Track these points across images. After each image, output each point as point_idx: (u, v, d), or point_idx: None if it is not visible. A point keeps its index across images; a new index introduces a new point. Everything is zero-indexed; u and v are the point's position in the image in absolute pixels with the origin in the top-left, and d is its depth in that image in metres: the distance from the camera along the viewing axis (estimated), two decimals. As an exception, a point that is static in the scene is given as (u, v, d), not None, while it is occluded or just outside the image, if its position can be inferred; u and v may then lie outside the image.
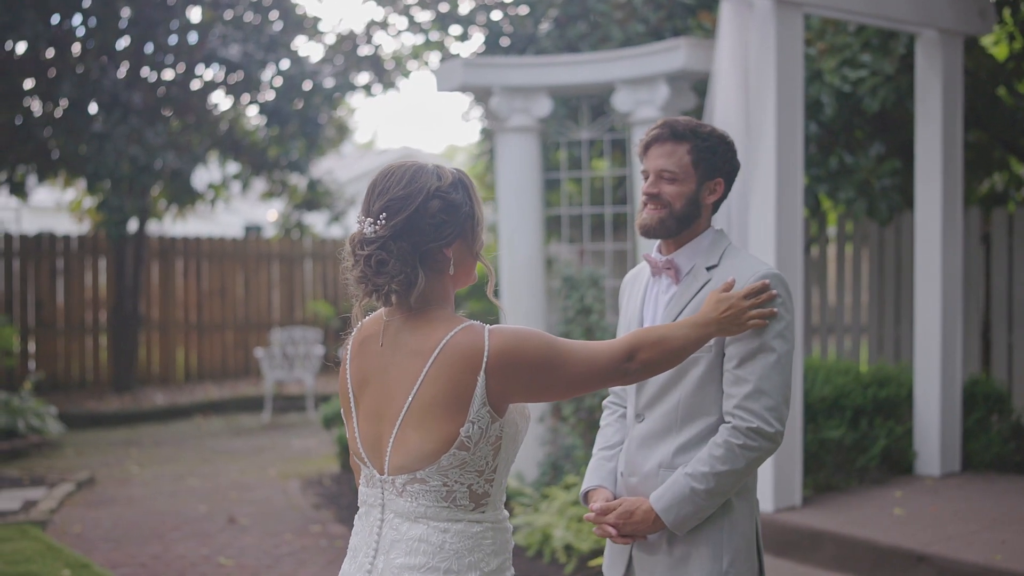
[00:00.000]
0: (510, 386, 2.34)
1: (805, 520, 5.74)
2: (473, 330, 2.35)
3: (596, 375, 2.44)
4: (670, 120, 2.87)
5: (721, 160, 2.88)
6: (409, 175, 2.38)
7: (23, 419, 10.29)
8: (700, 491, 2.68)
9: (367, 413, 2.45)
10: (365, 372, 2.47)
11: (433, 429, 2.35)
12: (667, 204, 2.83)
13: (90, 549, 6.82)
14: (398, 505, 2.41)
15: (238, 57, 12.34)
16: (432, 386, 2.34)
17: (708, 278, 2.83)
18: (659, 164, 2.84)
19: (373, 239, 2.34)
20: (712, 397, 2.78)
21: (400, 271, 2.34)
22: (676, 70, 6.87)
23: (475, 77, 7.27)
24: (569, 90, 7.52)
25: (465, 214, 2.42)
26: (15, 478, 8.91)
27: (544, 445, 7.03)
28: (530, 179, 7.36)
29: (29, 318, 13.59)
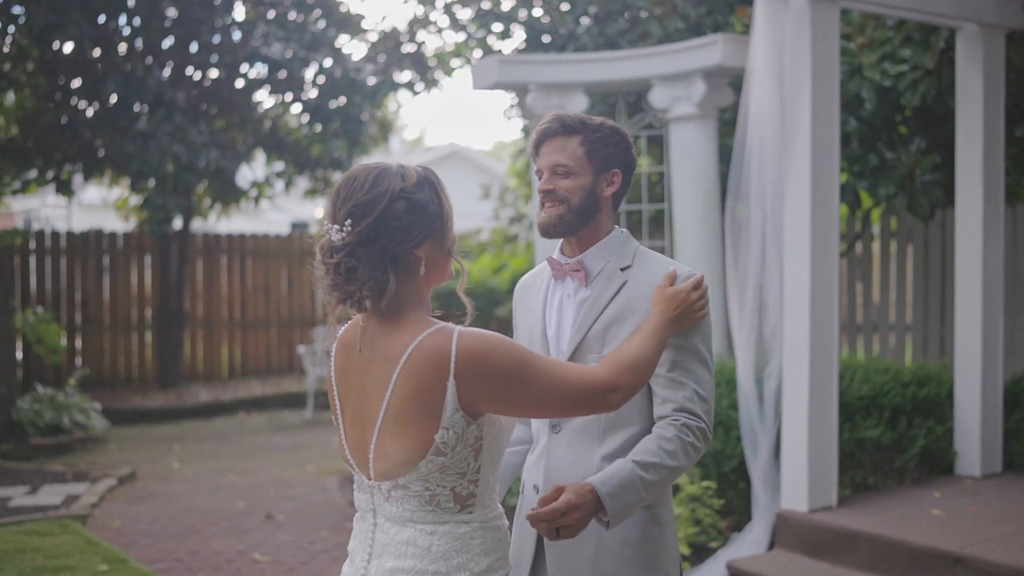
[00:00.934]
0: (479, 394, 2.31)
1: (840, 520, 5.66)
2: (442, 334, 2.31)
3: (573, 400, 2.38)
4: (559, 114, 2.78)
5: (615, 150, 2.78)
6: (372, 179, 2.34)
7: (68, 415, 10.42)
8: (647, 481, 2.54)
9: (351, 420, 2.45)
10: (347, 378, 2.46)
11: (408, 436, 2.33)
12: (564, 199, 2.72)
13: (129, 544, 6.90)
14: (386, 510, 2.42)
15: (280, 55, 12.41)
16: (402, 392, 2.32)
17: (624, 279, 2.73)
18: (552, 159, 2.74)
19: (341, 246, 2.32)
20: (635, 404, 2.68)
21: (370, 276, 2.31)
22: (713, 66, 6.81)
23: (511, 74, 7.26)
24: (605, 87, 7.49)
25: (433, 213, 2.38)
26: (59, 473, 9.03)
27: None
28: (566, 176, 7.33)
29: (76, 315, 13.77)
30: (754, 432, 6.02)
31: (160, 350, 13.85)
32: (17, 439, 10.06)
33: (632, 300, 2.69)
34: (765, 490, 5.98)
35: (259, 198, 14.63)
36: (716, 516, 6.17)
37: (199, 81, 13.03)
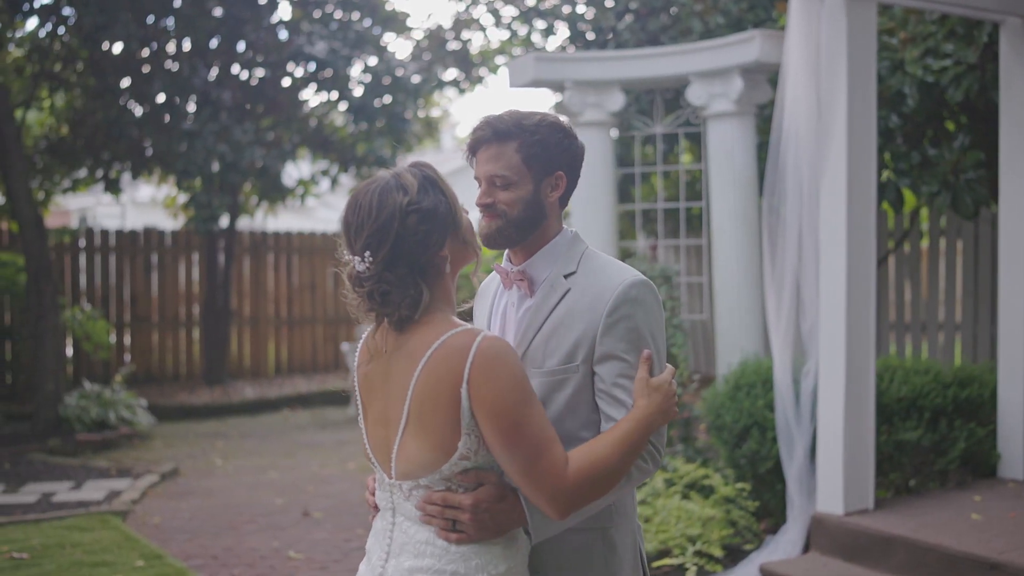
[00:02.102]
0: (479, 399, 2.27)
1: (876, 524, 5.56)
2: (466, 335, 2.30)
3: (537, 471, 2.27)
4: (492, 118, 2.60)
5: (557, 151, 2.59)
6: (376, 203, 2.32)
7: (114, 411, 10.55)
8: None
9: (375, 418, 2.44)
10: (372, 378, 2.45)
11: (430, 439, 2.32)
12: (502, 213, 2.56)
13: (166, 540, 6.95)
14: (406, 509, 2.40)
15: (324, 54, 12.46)
16: (423, 391, 2.31)
17: (567, 287, 2.56)
18: (488, 170, 2.58)
19: (368, 275, 2.33)
20: (582, 420, 2.53)
21: (404, 295, 2.32)
22: (750, 62, 6.73)
23: (547, 72, 7.22)
24: (642, 83, 7.42)
25: (444, 212, 2.37)
26: (103, 469, 9.14)
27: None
28: (603, 174, 7.28)
29: (125, 313, 13.94)
30: (790, 433, 5.94)
31: (207, 347, 13.98)
32: (64, 435, 10.20)
33: (574, 309, 2.53)
34: (800, 492, 5.89)
35: (305, 196, 14.71)
36: (751, 518, 6.09)
37: (245, 80, 13.13)
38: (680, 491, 6.23)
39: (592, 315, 2.50)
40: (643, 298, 2.54)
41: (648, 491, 6.21)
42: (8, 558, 6.41)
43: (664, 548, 5.85)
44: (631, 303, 2.51)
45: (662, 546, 5.83)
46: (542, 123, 2.59)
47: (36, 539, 6.84)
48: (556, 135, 2.59)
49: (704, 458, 6.69)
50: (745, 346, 6.80)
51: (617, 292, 2.50)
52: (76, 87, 12.46)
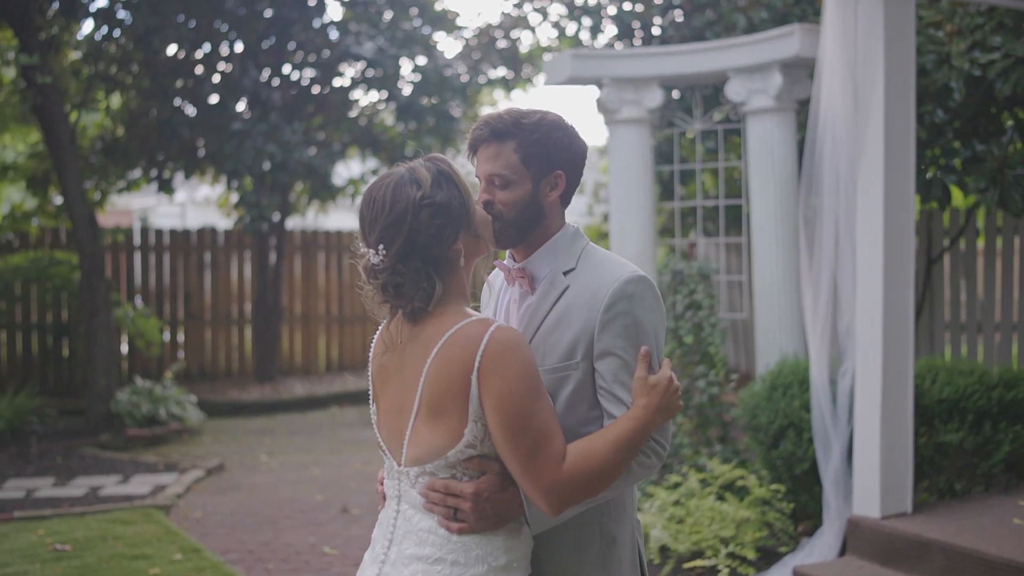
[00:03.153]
0: (487, 389, 2.29)
1: (914, 528, 5.45)
2: (479, 324, 2.33)
3: (535, 464, 2.28)
4: (491, 117, 2.60)
5: (556, 150, 2.59)
6: (390, 198, 2.36)
7: (164, 407, 10.70)
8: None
9: (388, 407, 2.47)
10: (387, 368, 2.48)
11: (440, 424, 2.35)
12: (500, 213, 2.57)
13: (205, 534, 7.03)
14: (411, 496, 2.44)
15: (372, 54, 12.52)
16: (435, 378, 2.34)
17: (566, 284, 2.57)
18: (486, 169, 2.59)
19: (382, 268, 2.37)
20: (582, 417, 2.52)
21: (417, 287, 2.36)
22: (790, 57, 6.64)
23: (583, 69, 7.18)
24: (681, 80, 7.35)
25: (457, 207, 2.39)
26: (151, 463, 9.27)
27: (652, 443, 6.87)
28: (641, 172, 7.23)
29: (178, 310, 14.11)
30: (826, 434, 5.84)
31: (258, 344, 14.11)
32: (116, 430, 10.36)
33: (572, 306, 2.53)
34: (837, 494, 5.79)
35: (355, 195, 14.79)
36: (786, 520, 6.01)
37: (296, 81, 13.24)
38: (715, 492, 6.17)
39: (589, 311, 2.50)
40: (640, 294, 2.53)
41: (683, 491, 6.15)
42: (51, 549, 6.53)
43: (697, 549, 5.79)
44: (628, 299, 2.51)
45: (695, 547, 5.78)
46: (541, 122, 2.59)
47: (80, 531, 6.96)
48: (555, 134, 2.60)
49: (742, 459, 6.61)
50: (785, 346, 6.70)
51: (613, 288, 2.50)
52: (131, 89, 12.65)
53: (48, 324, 12.59)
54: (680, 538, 5.83)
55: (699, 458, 6.58)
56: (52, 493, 8.11)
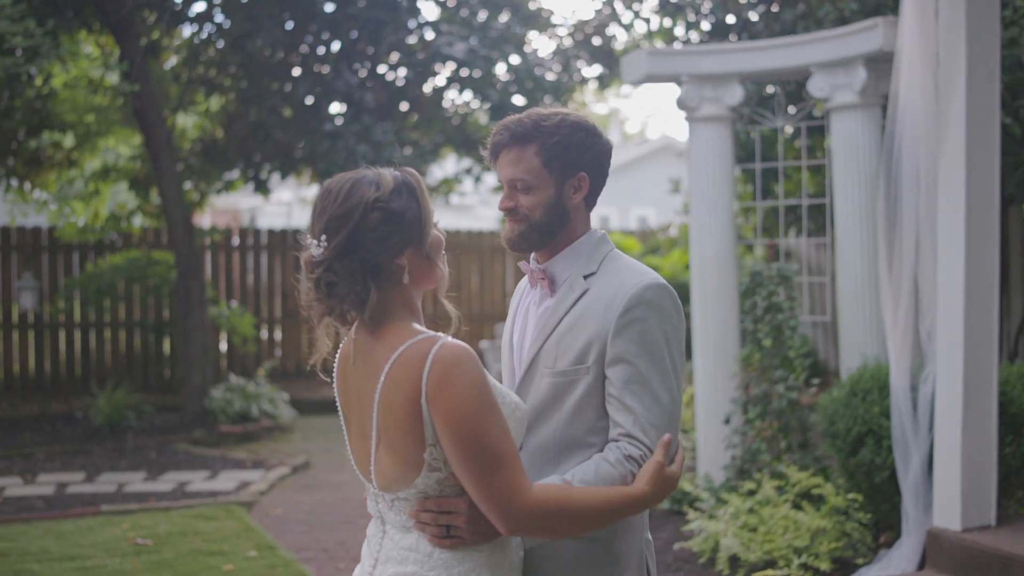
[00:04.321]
0: (436, 412, 2.20)
1: (997, 542, 5.21)
2: (423, 344, 2.24)
3: (491, 489, 2.18)
4: (510, 121, 2.54)
5: (578, 152, 2.53)
6: (346, 191, 2.29)
7: (257, 404, 10.88)
8: None
9: (355, 431, 2.41)
10: (347, 391, 2.43)
11: (399, 453, 2.27)
12: (525, 217, 2.53)
13: (283, 532, 7.11)
14: (391, 518, 2.38)
15: (463, 54, 12.54)
16: (386, 404, 2.26)
17: (585, 288, 2.51)
18: (508, 173, 2.54)
19: (319, 261, 2.28)
20: (590, 425, 2.45)
21: (350, 291, 2.26)
22: (874, 51, 6.41)
23: (660, 67, 7.06)
24: (762, 76, 7.18)
25: (411, 220, 2.31)
26: (240, 460, 9.43)
27: (730, 448, 6.74)
28: (721, 170, 7.07)
29: (275, 309, 14.34)
30: (906, 442, 5.63)
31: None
32: (209, 426, 10.58)
33: (589, 310, 2.48)
34: (916, 505, 5.58)
35: (449, 195, 14.84)
36: (864, 531, 5.82)
37: (391, 81, 13.33)
38: (791, 500, 6.00)
39: (605, 316, 2.45)
40: (659, 302, 2.46)
41: (758, 499, 6.00)
42: (132, 543, 6.68)
43: (769, 559, 5.64)
44: (645, 306, 2.44)
45: (767, 556, 5.63)
46: (562, 123, 2.53)
47: (163, 526, 7.10)
48: (578, 135, 2.54)
49: (821, 466, 6.42)
50: (868, 349, 6.49)
51: (631, 294, 2.44)
52: (229, 91, 12.89)
53: (148, 322, 12.91)
54: (752, 547, 5.69)
55: (778, 465, 6.42)
56: (141, 488, 8.30)
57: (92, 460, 9.37)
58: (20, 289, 12.17)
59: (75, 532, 6.94)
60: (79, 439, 10.20)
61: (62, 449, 9.72)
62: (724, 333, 6.97)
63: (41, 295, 12.53)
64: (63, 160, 12.65)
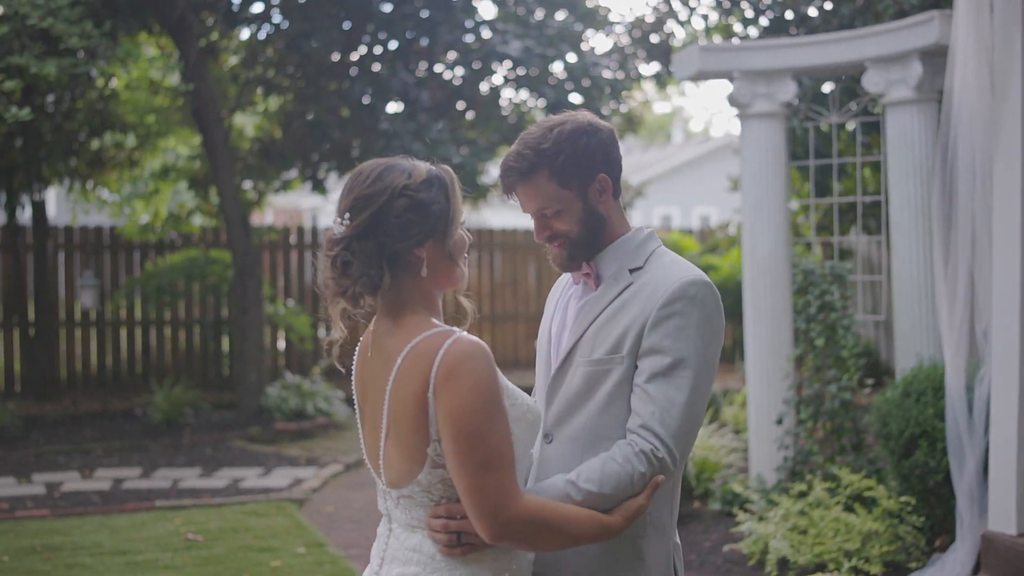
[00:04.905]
0: (440, 400, 2.18)
1: (1054, 547, 5.08)
2: (437, 337, 2.22)
3: (483, 492, 2.16)
4: (511, 158, 2.49)
5: (587, 157, 2.49)
6: (377, 173, 2.28)
7: (312, 402, 10.95)
8: (579, 504, 2.31)
9: (368, 424, 2.40)
10: (364, 382, 2.41)
11: (406, 446, 2.26)
12: (565, 237, 2.51)
13: (333, 529, 7.14)
14: (397, 516, 2.37)
15: (519, 53, 12.52)
16: (396, 397, 2.25)
17: (630, 281, 2.49)
18: (532, 207, 2.51)
19: (339, 240, 2.27)
20: (620, 417, 2.42)
21: (363, 272, 2.25)
22: (929, 45, 6.28)
23: (712, 63, 6.97)
24: (815, 71, 7.07)
25: (436, 213, 2.29)
26: (294, 457, 9.49)
27: (782, 449, 6.64)
28: (774, 168, 6.97)
29: (334, 307, 14.41)
30: (961, 444, 5.51)
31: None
32: (265, 424, 10.67)
33: (630, 301, 2.46)
34: (971, 509, 5.45)
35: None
36: (917, 534, 5.70)
37: (448, 80, 13.35)
38: (843, 502, 5.90)
39: (646, 305, 2.43)
40: (702, 298, 2.43)
41: (809, 501, 5.91)
42: (184, 539, 6.75)
43: (819, 562, 5.55)
44: (687, 300, 2.42)
45: (817, 559, 5.54)
46: (560, 139, 2.49)
47: (215, 522, 7.17)
48: (580, 141, 2.50)
49: (875, 468, 6.31)
50: (923, 350, 6.35)
51: (675, 287, 2.42)
52: (288, 91, 13.00)
53: (207, 321, 13.06)
54: (802, 550, 5.60)
55: (830, 466, 6.31)
56: (196, 484, 8.39)
57: (149, 456, 9.50)
58: (81, 287, 12.38)
59: (128, 527, 7.03)
60: (137, 435, 10.35)
61: (120, 445, 9.87)
62: (777, 332, 6.87)
63: (102, 293, 12.74)
64: (125, 160, 12.86)
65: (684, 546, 6.34)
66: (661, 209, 33.63)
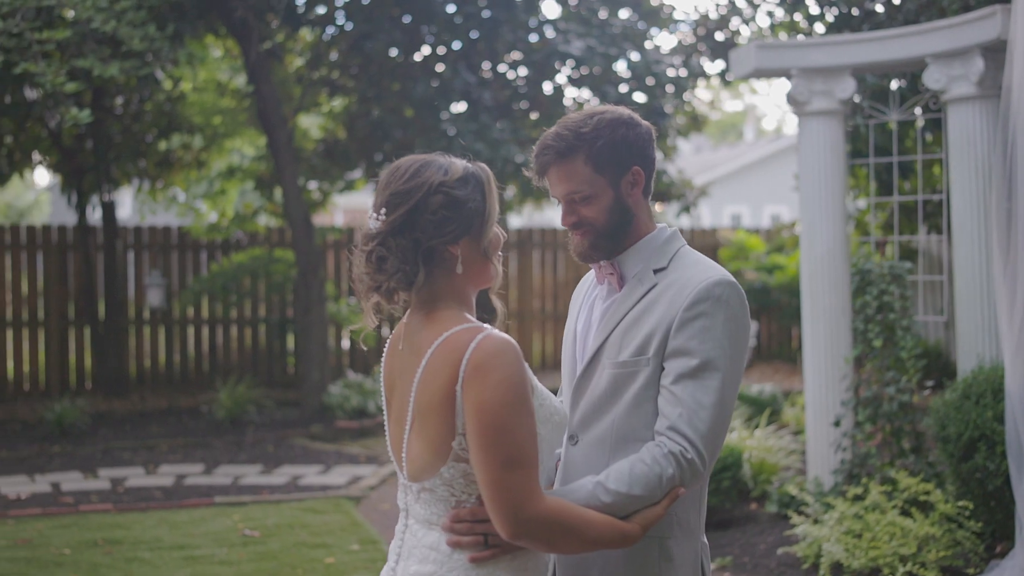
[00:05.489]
0: (467, 395, 2.18)
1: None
2: (467, 332, 2.22)
3: (502, 489, 2.15)
4: (550, 138, 2.49)
5: (625, 147, 2.47)
6: (414, 169, 2.29)
7: (373, 400, 11.04)
8: (607, 506, 2.29)
9: (394, 416, 2.41)
10: (392, 374, 2.42)
11: (430, 438, 2.26)
12: (591, 225, 2.49)
13: (388, 526, 7.18)
14: (416, 511, 2.37)
15: (580, 52, 12.49)
16: (423, 388, 2.26)
17: (654, 282, 2.47)
18: (563, 190, 2.50)
19: (374, 235, 2.28)
20: (647, 419, 2.41)
21: (398, 268, 2.26)
22: (991, 40, 6.14)
23: (769, 60, 6.89)
24: (875, 68, 6.94)
25: (472, 211, 2.29)
26: (354, 455, 9.57)
27: (840, 452, 6.54)
28: (832, 166, 6.86)
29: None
30: (1020, 448, 5.36)
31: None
32: (327, 421, 10.78)
33: (655, 302, 2.45)
34: (1031, 514, 5.32)
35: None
36: (976, 540, 5.58)
37: (511, 80, 13.36)
38: (899, 506, 5.79)
39: (671, 307, 2.42)
40: (727, 298, 2.42)
41: (866, 504, 5.81)
42: (241, 535, 6.84)
43: (874, 566, 5.46)
44: (713, 301, 2.41)
45: (872, 564, 5.45)
46: (601, 124, 2.49)
47: (272, 519, 7.25)
48: (619, 131, 2.50)
49: (935, 472, 6.19)
50: (984, 351, 6.22)
51: (700, 288, 2.41)
52: (352, 92, 13.12)
53: (272, 319, 13.23)
54: (856, 554, 5.51)
55: (888, 469, 6.21)
56: (256, 480, 8.50)
57: (212, 453, 9.65)
58: (149, 286, 12.61)
59: (188, 522, 7.14)
60: (202, 432, 10.52)
61: (185, 442, 10.03)
62: (835, 333, 6.76)
63: (169, 292, 12.97)
64: (192, 161, 13.08)
65: (738, 548, 6.28)
66: (731, 208, 33.34)
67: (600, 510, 2.29)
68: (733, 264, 15.20)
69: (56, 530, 6.93)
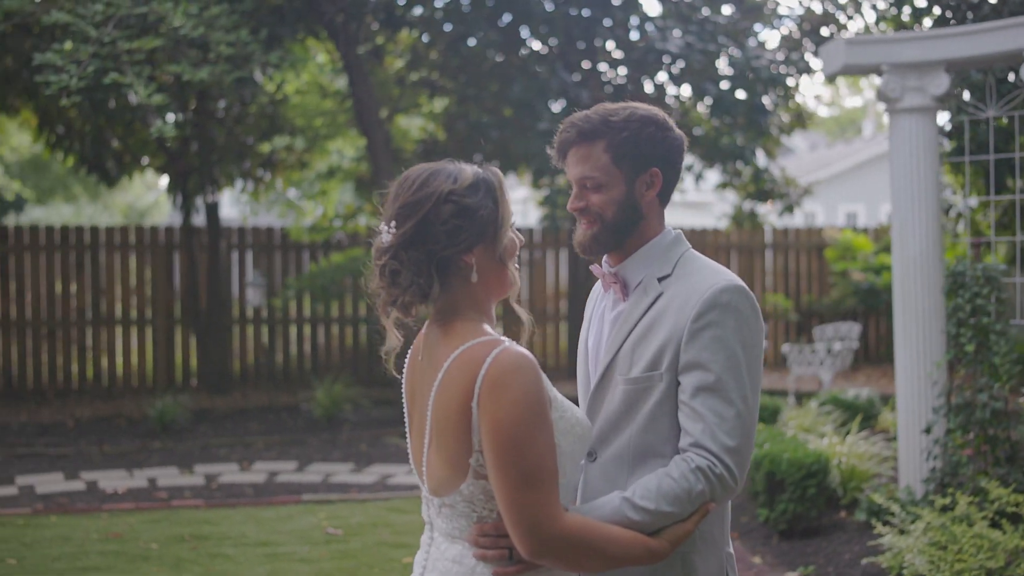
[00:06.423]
0: (483, 411, 2.13)
1: None
2: (484, 346, 2.17)
3: (521, 508, 2.11)
4: (577, 118, 2.41)
5: (649, 146, 2.40)
6: (423, 179, 2.25)
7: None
8: (634, 523, 2.23)
9: (415, 428, 2.38)
10: (412, 387, 2.39)
11: (448, 454, 2.22)
12: (597, 216, 2.41)
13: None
14: (439, 524, 2.33)
15: (679, 49, 12.33)
16: (440, 403, 2.22)
17: (660, 291, 2.38)
18: (577, 172, 2.42)
19: (386, 248, 2.25)
20: (664, 434, 2.34)
21: (412, 282, 2.22)
22: (1093, 32, 5.87)
23: (859, 56, 6.69)
24: (970, 63, 6.68)
25: (485, 218, 2.24)
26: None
27: (930, 460, 6.32)
28: (925, 164, 6.63)
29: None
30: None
31: (572, 340, 14.29)
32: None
33: (663, 314, 2.37)
34: None
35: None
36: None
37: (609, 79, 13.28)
38: (989, 517, 5.57)
39: (678, 319, 2.36)
40: (736, 305, 2.35)
41: (955, 515, 5.60)
42: (324, 533, 6.93)
43: (961, 579, 5.25)
44: (721, 309, 2.34)
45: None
46: (631, 118, 2.44)
47: (357, 517, 7.33)
48: (648, 129, 2.44)
49: (1032, 482, 5.94)
50: (1085, 357, 5.94)
51: (707, 297, 2.34)
52: (451, 93, 13.20)
53: (371, 319, 13.39)
54: (941, 566, 5.30)
55: (981, 479, 5.98)
56: (346, 479, 8.61)
57: (306, 451, 9.80)
58: (249, 286, 12.88)
59: (274, 519, 7.27)
60: (298, 430, 10.70)
61: (280, 439, 10.21)
62: (926, 337, 6.54)
63: (271, 291, 13.22)
64: (294, 162, 13.31)
65: (822, 557, 6.13)
66: (846, 206, 32.59)
67: (627, 527, 2.24)
68: (839, 264, 14.85)
69: (146, 524, 7.12)
